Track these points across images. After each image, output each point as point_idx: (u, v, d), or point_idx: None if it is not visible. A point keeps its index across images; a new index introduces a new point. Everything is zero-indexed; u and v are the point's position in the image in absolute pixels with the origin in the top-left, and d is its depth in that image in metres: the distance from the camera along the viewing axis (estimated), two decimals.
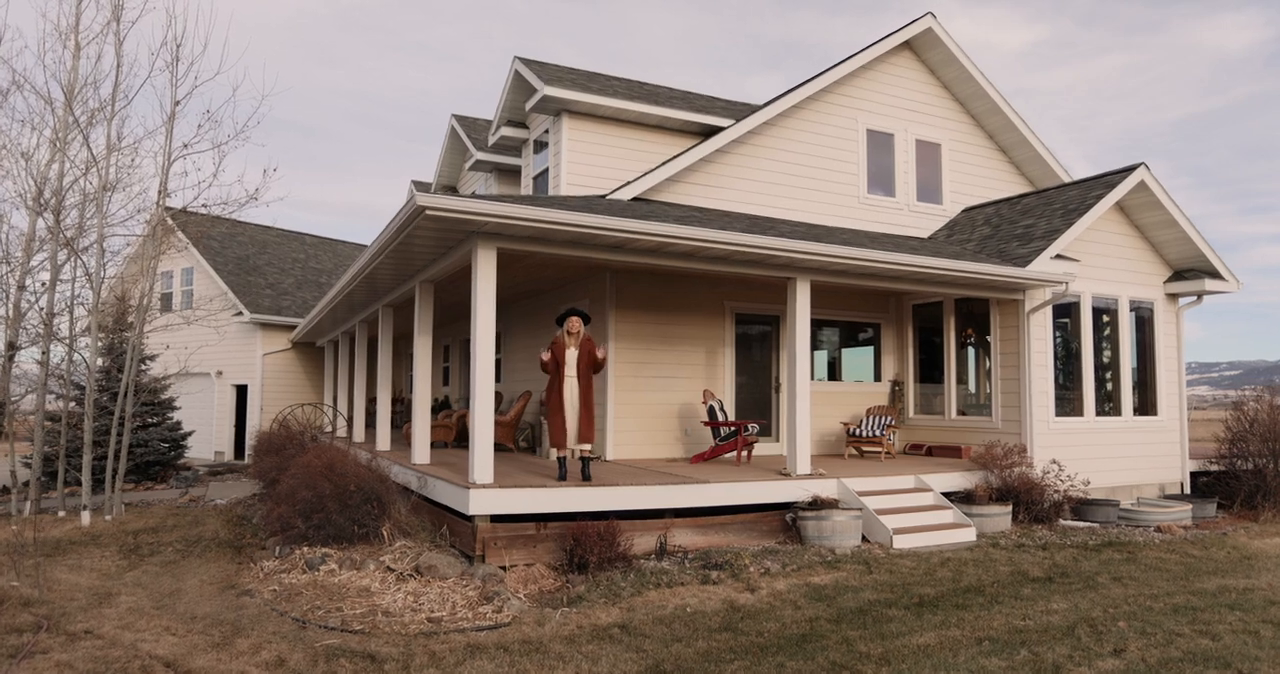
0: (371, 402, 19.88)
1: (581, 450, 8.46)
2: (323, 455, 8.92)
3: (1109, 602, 6.71)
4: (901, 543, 8.76)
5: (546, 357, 8.57)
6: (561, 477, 8.39)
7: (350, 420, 16.33)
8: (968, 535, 9.23)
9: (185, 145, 11.60)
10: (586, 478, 8.32)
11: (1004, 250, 11.54)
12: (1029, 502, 10.10)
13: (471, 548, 7.72)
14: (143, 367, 16.97)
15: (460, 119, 17.83)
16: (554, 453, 8.64)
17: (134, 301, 17.11)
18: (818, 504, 8.80)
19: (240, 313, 21.54)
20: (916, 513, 9.41)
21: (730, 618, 6.23)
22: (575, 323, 8.58)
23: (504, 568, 7.55)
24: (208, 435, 22.55)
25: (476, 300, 7.97)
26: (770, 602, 6.65)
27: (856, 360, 13.92)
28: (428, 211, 7.23)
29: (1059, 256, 11.06)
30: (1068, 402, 11.68)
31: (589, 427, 8.46)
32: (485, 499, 7.69)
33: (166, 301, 23.67)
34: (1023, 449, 10.68)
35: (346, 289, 11.91)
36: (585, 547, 7.34)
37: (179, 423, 17.76)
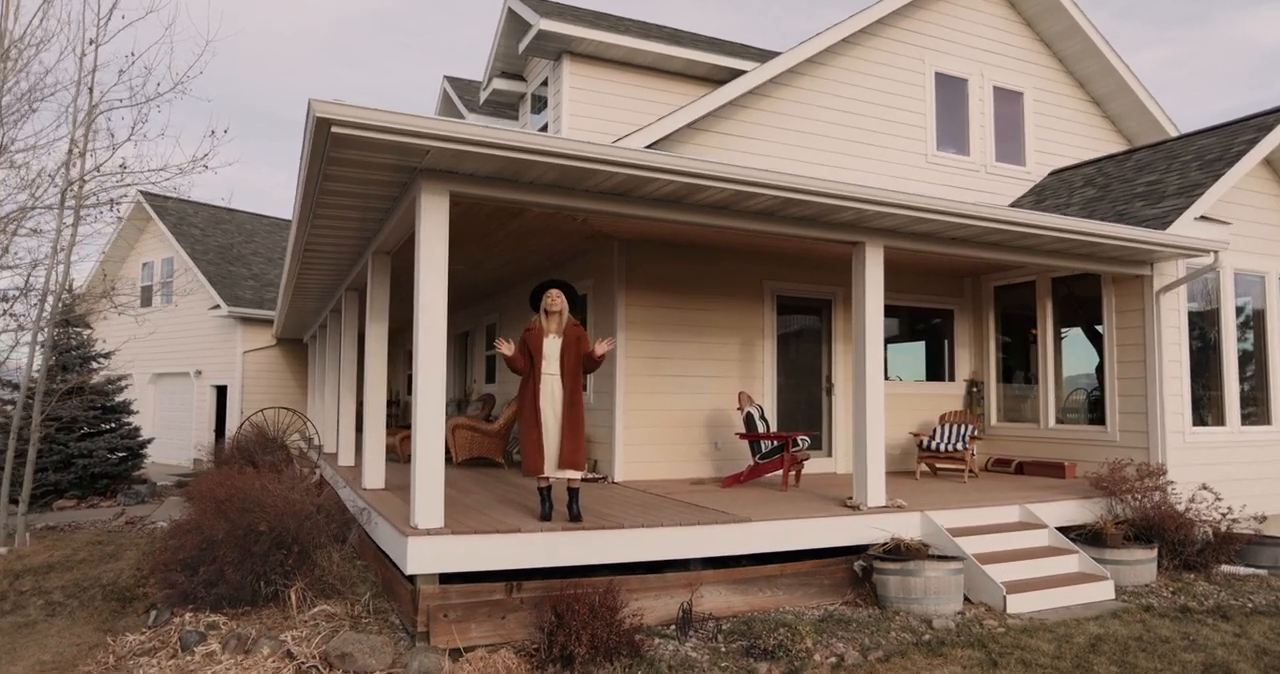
0: (360, 404, 17.64)
1: (569, 480, 6.04)
2: (226, 481, 6.60)
3: None
4: (1018, 605, 6.30)
5: (509, 351, 5.98)
6: (544, 515, 5.99)
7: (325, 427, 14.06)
8: (1104, 592, 6.74)
9: (94, 90, 9.35)
10: (575, 518, 5.90)
11: (1124, 212, 9.00)
12: (1175, 541, 7.58)
13: (412, 620, 5.37)
14: (94, 365, 14.95)
15: (453, 81, 15.53)
16: (538, 481, 6.21)
17: (95, 290, 15.12)
18: (902, 552, 6.34)
19: (217, 306, 19.41)
20: (1030, 559, 6.93)
21: None
22: (555, 298, 6.05)
23: (457, 652, 5.18)
24: (186, 441, 20.48)
25: (421, 265, 5.60)
26: None
27: (920, 356, 11.41)
28: (335, 130, 4.86)
29: (1203, 218, 8.52)
30: (1202, 407, 9.12)
31: (577, 447, 5.97)
32: (430, 552, 5.33)
33: (146, 294, 21.69)
34: (1161, 470, 8.14)
35: (294, 269, 9.64)
36: (571, 627, 4.94)
37: (137, 429, 15.64)
